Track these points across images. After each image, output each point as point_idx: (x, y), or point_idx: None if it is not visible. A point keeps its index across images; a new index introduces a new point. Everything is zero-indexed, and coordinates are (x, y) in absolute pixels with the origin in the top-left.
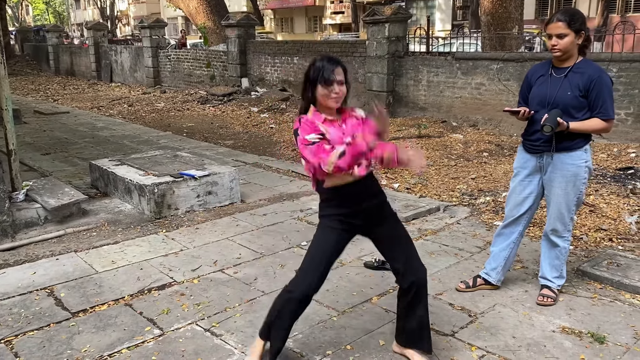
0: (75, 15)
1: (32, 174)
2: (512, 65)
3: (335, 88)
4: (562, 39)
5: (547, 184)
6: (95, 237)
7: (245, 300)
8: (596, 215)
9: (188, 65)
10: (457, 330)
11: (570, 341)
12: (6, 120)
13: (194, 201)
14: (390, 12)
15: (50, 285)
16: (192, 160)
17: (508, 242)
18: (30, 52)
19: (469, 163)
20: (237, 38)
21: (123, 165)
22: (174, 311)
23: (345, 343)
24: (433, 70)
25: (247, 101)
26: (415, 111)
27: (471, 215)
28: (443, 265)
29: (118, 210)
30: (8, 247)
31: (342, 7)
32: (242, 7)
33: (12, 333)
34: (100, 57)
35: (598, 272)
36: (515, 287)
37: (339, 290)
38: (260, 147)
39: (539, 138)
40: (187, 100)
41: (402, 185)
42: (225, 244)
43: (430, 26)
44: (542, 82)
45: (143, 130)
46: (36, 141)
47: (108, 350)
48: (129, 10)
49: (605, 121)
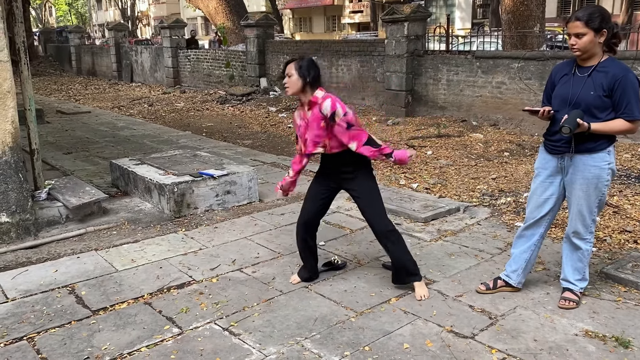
0: (97, 16)
1: (54, 173)
2: (534, 64)
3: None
4: (581, 38)
5: (568, 185)
6: (115, 236)
7: (263, 299)
8: (620, 217)
9: (207, 65)
10: (477, 333)
11: (594, 345)
12: (29, 120)
13: (212, 200)
14: (409, 10)
15: (71, 283)
16: (211, 160)
17: (529, 244)
18: (53, 52)
19: (490, 163)
20: (256, 38)
21: (143, 165)
22: (193, 310)
23: (364, 344)
24: (453, 69)
25: (266, 101)
26: (434, 110)
27: (492, 216)
28: (463, 266)
29: (138, 209)
30: (31, 245)
31: (360, 6)
32: (261, 7)
33: (34, 330)
34: (121, 58)
35: (622, 275)
36: (537, 289)
37: (357, 290)
38: (278, 147)
39: (560, 139)
40: (207, 100)
41: (421, 185)
42: (243, 243)
43: (449, 25)
44: (566, 81)
45: (163, 130)
46: (58, 140)
47: (128, 349)
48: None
49: (630, 122)
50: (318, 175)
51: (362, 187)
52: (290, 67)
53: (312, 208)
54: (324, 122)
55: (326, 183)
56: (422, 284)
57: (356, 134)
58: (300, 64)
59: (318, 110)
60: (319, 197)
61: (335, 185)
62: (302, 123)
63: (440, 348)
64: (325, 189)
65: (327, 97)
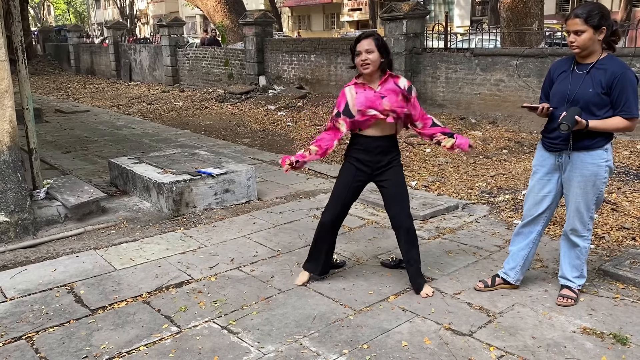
0: (96, 15)
1: (52, 172)
2: (532, 61)
3: (362, 56)
4: (580, 35)
5: (566, 182)
6: (114, 235)
7: (262, 298)
8: (618, 214)
9: (206, 63)
10: (476, 330)
11: (592, 342)
12: (27, 119)
13: (211, 199)
14: (408, 8)
15: (70, 282)
16: (210, 159)
17: (527, 242)
18: (52, 51)
19: (488, 160)
20: (255, 36)
21: (142, 164)
22: (192, 309)
23: (362, 342)
24: (451, 66)
25: (265, 99)
26: (433, 108)
27: (490, 214)
28: (461, 264)
29: (137, 208)
30: (29, 244)
31: (359, 4)
32: (260, 5)
33: (33, 329)
34: (119, 56)
35: (620, 272)
36: (535, 286)
37: (356, 288)
38: (277, 145)
39: (558, 136)
40: (205, 98)
41: (420, 183)
42: (242, 241)
43: (448, 22)
44: (564, 79)
45: (162, 129)
46: (57, 140)
47: (126, 347)
48: (147, 9)
49: (628, 120)
50: (348, 170)
51: (396, 178)
52: (368, 44)
53: (342, 202)
54: (402, 95)
55: (358, 178)
56: (427, 284)
57: (423, 114)
58: (379, 40)
59: (394, 84)
60: (350, 195)
61: (366, 179)
62: (367, 95)
63: (438, 346)
64: (356, 185)
65: (401, 75)
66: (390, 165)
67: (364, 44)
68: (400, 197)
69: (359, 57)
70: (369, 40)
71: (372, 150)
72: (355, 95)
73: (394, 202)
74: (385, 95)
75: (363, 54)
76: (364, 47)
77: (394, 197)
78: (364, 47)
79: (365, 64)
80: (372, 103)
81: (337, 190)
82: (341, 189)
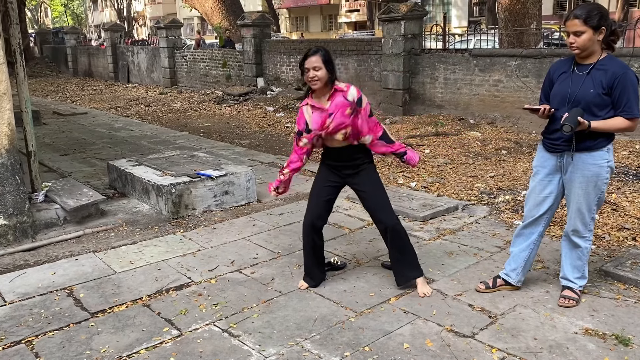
0: (93, 17)
1: (51, 175)
2: (531, 62)
3: (310, 73)
4: (579, 36)
5: (568, 183)
6: (113, 238)
7: (262, 300)
8: (619, 214)
9: (204, 65)
10: (477, 332)
11: (594, 343)
12: (26, 122)
13: (211, 201)
14: (406, 9)
15: (69, 285)
16: (209, 160)
17: (528, 243)
18: (49, 54)
19: (488, 161)
20: (253, 38)
21: (141, 166)
22: (192, 312)
23: (364, 344)
24: (450, 67)
25: (263, 100)
26: (432, 109)
27: (490, 215)
28: (462, 265)
29: (136, 211)
30: (28, 248)
31: (357, 5)
32: (257, 6)
33: (32, 333)
34: (117, 58)
35: (622, 273)
36: (536, 287)
37: (357, 290)
38: (276, 147)
39: (560, 137)
40: (204, 100)
41: (420, 184)
42: (242, 243)
43: (446, 23)
44: (564, 79)
45: (160, 131)
46: (55, 142)
47: (127, 351)
48: (145, 11)
49: (630, 120)
50: (321, 173)
51: (368, 182)
52: (316, 60)
53: (317, 207)
54: (350, 109)
55: (330, 180)
56: (424, 281)
57: (373, 127)
58: (325, 56)
59: (343, 98)
60: (324, 195)
61: (340, 182)
62: (320, 115)
63: (440, 347)
64: (329, 186)
65: (350, 85)
66: (359, 169)
67: (312, 60)
68: (377, 198)
69: (308, 74)
70: (316, 57)
71: (337, 158)
72: (311, 115)
73: (371, 204)
74: (333, 112)
75: (311, 72)
76: (311, 64)
77: (370, 199)
78: (312, 64)
79: (314, 81)
80: (323, 122)
81: (313, 191)
82: (317, 190)
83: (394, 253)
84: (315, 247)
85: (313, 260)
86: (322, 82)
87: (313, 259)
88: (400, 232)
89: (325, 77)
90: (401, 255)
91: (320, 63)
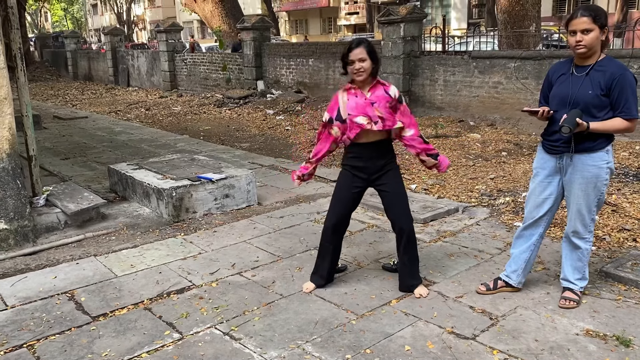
0: (93, 21)
1: (52, 179)
2: (530, 64)
3: (356, 65)
4: (587, 34)
5: (567, 185)
6: (114, 241)
7: (263, 303)
8: (619, 215)
9: (204, 68)
10: (478, 334)
11: (595, 344)
12: (26, 126)
13: (211, 204)
14: (405, 12)
15: (70, 289)
16: (209, 164)
17: (528, 244)
18: (50, 58)
19: (488, 163)
20: (253, 41)
21: (141, 169)
22: (193, 315)
23: (365, 347)
24: (449, 69)
25: (263, 103)
26: (432, 111)
27: (491, 216)
28: (463, 267)
29: (137, 214)
30: (29, 252)
31: (356, 8)
32: (257, 9)
33: (34, 337)
34: (117, 62)
35: (622, 274)
36: (537, 289)
37: (358, 293)
38: (276, 150)
39: (559, 138)
40: (204, 103)
41: (420, 186)
42: (243, 246)
43: (445, 25)
44: (563, 81)
45: (160, 134)
46: (56, 146)
47: (128, 355)
48: (145, 14)
49: (628, 121)
50: (345, 179)
51: (394, 182)
52: (360, 52)
53: (343, 207)
54: (390, 104)
55: (356, 185)
56: (422, 285)
57: (415, 123)
58: (369, 47)
59: (384, 91)
60: (351, 195)
61: (365, 186)
62: (357, 101)
63: (441, 349)
64: (356, 185)
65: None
66: (386, 169)
67: (357, 52)
68: (400, 200)
69: (353, 66)
70: (360, 49)
71: (365, 157)
72: (346, 101)
73: (393, 205)
74: (375, 102)
75: (357, 63)
76: (356, 56)
77: (393, 200)
78: (357, 55)
79: (360, 72)
80: (363, 109)
81: (335, 197)
82: (340, 196)
83: (403, 260)
84: (335, 254)
85: (329, 263)
86: (367, 73)
87: (330, 262)
88: (414, 239)
89: (370, 68)
90: (410, 265)
91: (365, 54)
